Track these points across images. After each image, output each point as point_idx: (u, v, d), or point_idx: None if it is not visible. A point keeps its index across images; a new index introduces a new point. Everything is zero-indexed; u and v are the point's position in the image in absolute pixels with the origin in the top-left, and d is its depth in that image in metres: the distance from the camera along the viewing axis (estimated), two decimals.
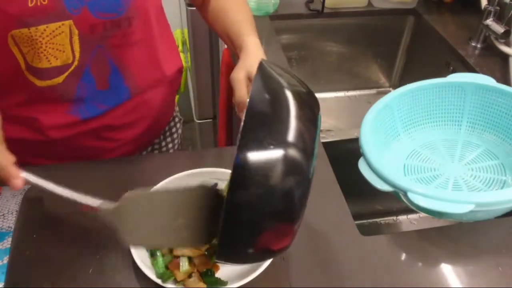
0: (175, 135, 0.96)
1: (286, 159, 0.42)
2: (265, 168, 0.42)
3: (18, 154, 0.80)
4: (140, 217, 0.54)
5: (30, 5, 0.58)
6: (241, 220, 0.43)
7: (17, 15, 0.59)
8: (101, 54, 0.68)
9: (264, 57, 0.69)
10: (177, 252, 0.59)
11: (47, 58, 0.64)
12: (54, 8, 0.60)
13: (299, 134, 0.44)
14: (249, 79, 0.66)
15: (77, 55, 0.66)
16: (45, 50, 0.63)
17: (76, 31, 0.63)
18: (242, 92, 0.65)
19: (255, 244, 0.45)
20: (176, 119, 0.96)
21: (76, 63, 0.67)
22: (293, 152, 0.43)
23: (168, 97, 0.85)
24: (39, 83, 0.67)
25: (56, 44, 0.63)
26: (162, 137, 0.94)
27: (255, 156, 0.42)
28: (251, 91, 0.45)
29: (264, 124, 0.44)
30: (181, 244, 0.58)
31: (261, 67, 0.49)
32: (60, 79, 0.67)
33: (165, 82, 0.81)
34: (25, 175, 0.55)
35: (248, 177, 0.41)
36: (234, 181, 0.41)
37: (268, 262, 0.58)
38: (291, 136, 0.43)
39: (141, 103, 0.78)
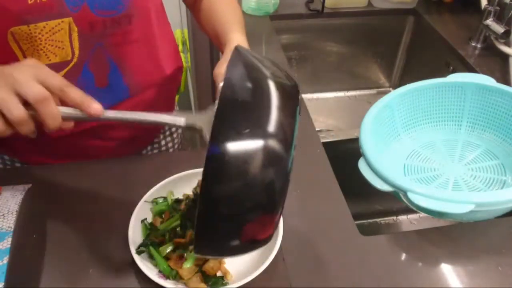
0: (175, 135, 0.97)
1: (266, 149, 0.40)
2: (245, 159, 0.39)
3: (20, 153, 0.80)
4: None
5: (29, 2, 0.58)
6: (220, 214, 0.41)
7: (17, 12, 0.59)
8: (101, 52, 0.68)
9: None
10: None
11: (46, 55, 0.64)
12: (54, 6, 0.60)
13: (280, 125, 0.42)
14: None
15: (77, 52, 0.66)
16: (44, 47, 0.63)
17: (75, 28, 0.63)
18: None
19: (236, 237, 0.44)
20: None
21: (75, 60, 0.67)
22: (273, 143, 0.41)
23: (167, 96, 0.85)
24: None
25: (56, 41, 0.63)
26: (162, 136, 0.94)
27: (233, 146, 0.39)
28: (225, 76, 0.43)
29: (241, 112, 0.42)
30: None
31: (236, 52, 0.47)
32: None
33: (164, 81, 0.81)
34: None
35: (226, 168, 0.39)
36: (209, 173, 0.39)
37: (268, 262, 0.58)
38: (271, 126, 0.41)
39: (140, 101, 0.78)
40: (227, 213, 0.41)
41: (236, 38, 0.70)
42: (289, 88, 0.47)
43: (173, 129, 0.96)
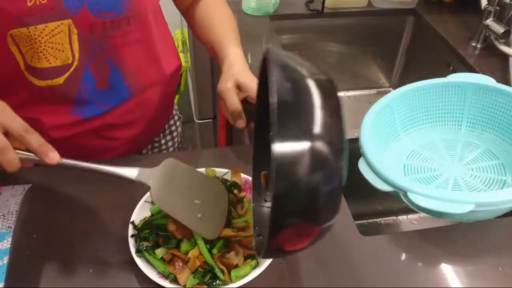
0: (174, 133, 0.97)
1: (312, 152, 0.40)
2: (291, 161, 0.39)
3: None
4: (170, 182, 0.59)
5: (29, 4, 0.58)
6: (275, 214, 0.41)
7: (16, 14, 0.59)
8: (101, 54, 0.68)
9: (247, 68, 0.70)
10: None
11: (46, 57, 0.64)
12: (53, 7, 0.60)
13: (325, 125, 0.41)
14: (237, 87, 0.67)
15: (77, 54, 0.66)
16: (44, 49, 0.63)
17: (75, 31, 0.63)
18: (234, 101, 0.67)
19: (275, 239, 0.43)
20: (176, 117, 0.96)
21: (76, 63, 0.67)
22: (320, 145, 0.40)
23: (167, 95, 0.86)
24: (38, 83, 0.67)
25: (55, 44, 0.63)
26: (161, 135, 0.94)
27: (281, 148, 0.39)
28: (274, 79, 0.42)
29: (291, 115, 0.41)
30: (191, 225, 0.59)
31: (271, 54, 0.46)
32: (60, 80, 0.67)
33: (164, 81, 0.82)
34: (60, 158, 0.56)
35: (277, 170, 0.39)
36: (272, 174, 0.40)
37: (268, 262, 0.58)
38: (317, 127, 0.41)
39: (141, 101, 0.78)
40: (274, 214, 0.41)
41: (233, 52, 0.71)
42: (332, 88, 0.46)
43: (173, 128, 0.96)
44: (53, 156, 0.55)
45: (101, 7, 0.63)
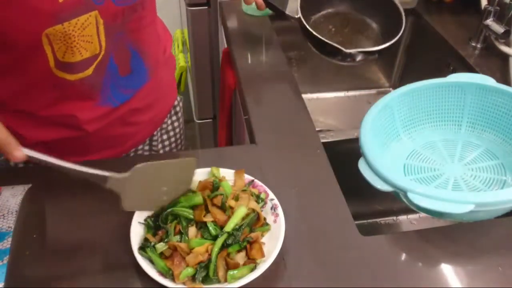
0: (179, 114, 1.00)
1: None
2: None
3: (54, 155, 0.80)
4: (139, 185, 0.60)
5: (60, 0, 0.60)
6: None
7: (51, 12, 0.60)
8: (122, 40, 0.71)
9: None
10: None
11: (79, 51, 0.66)
12: (81, 1, 0.62)
13: None
14: None
15: (103, 44, 0.68)
16: (77, 43, 0.65)
17: (101, 21, 0.66)
18: None
19: None
20: (178, 98, 0.99)
21: (102, 52, 0.69)
22: None
23: (172, 73, 0.91)
24: (70, 77, 0.68)
25: (86, 36, 0.65)
26: (168, 115, 0.95)
27: None
28: None
29: None
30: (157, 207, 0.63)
31: None
32: (90, 70, 0.69)
33: (167, 58, 0.87)
34: (27, 151, 0.55)
35: None
36: None
37: (268, 263, 0.58)
38: None
39: (156, 82, 0.83)
40: None
41: None
42: None
43: (177, 109, 0.98)
44: (17, 156, 0.54)
45: None
